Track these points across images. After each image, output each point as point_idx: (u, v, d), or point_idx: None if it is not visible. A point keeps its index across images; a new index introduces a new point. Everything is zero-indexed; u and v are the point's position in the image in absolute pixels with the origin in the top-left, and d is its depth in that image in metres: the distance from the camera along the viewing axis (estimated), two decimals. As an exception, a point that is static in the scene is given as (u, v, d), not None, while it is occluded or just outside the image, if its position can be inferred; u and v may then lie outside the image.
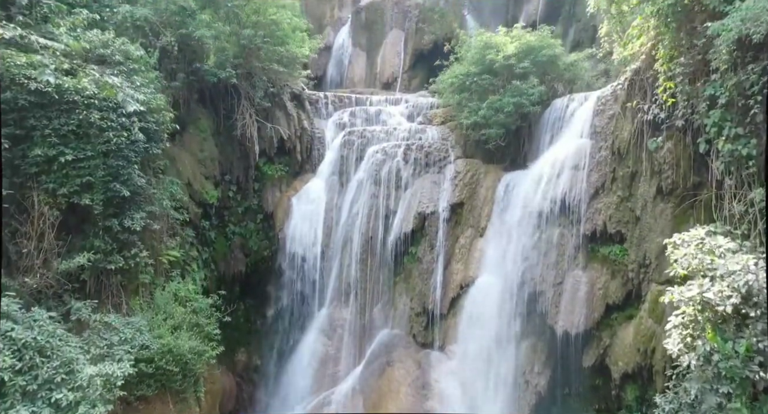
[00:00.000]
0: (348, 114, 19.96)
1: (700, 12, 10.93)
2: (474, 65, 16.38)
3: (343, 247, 17.12)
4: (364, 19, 32.69)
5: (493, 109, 15.50)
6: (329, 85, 33.54)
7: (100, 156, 11.40)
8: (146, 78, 13.40)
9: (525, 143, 16.42)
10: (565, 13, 28.47)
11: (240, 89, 17.57)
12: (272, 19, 16.61)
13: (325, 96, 20.56)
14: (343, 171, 18.39)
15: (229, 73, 16.04)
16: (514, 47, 15.82)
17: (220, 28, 15.57)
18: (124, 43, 12.98)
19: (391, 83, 30.43)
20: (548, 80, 16.32)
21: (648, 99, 12.28)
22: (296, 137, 19.20)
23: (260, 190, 19.17)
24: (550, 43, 16.28)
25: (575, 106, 14.81)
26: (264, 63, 17.16)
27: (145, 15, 14.56)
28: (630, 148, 12.64)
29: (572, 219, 13.59)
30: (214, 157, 17.42)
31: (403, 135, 18.05)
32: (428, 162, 16.83)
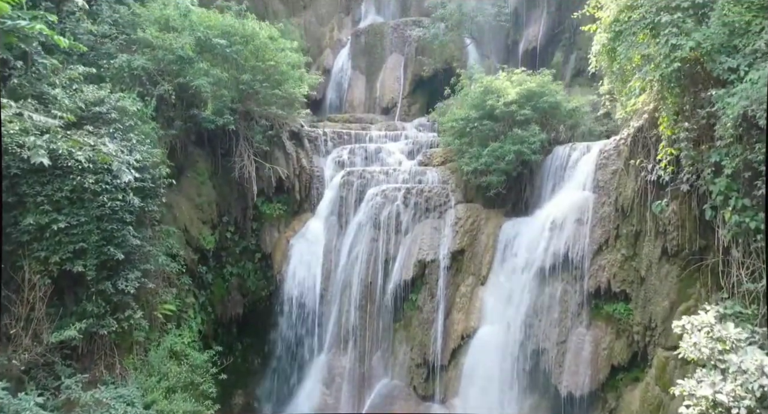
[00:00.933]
0: (347, 152, 19.75)
1: (704, 78, 10.75)
2: (474, 109, 16.18)
3: (342, 291, 16.88)
4: (364, 43, 32.60)
5: (493, 157, 15.29)
6: (329, 109, 33.45)
7: (94, 221, 11.18)
8: (142, 132, 13.20)
9: (526, 188, 16.20)
10: (565, 40, 28.34)
11: (238, 130, 17.34)
12: (271, 64, 16.39)
13: (324, 132, 20.35)
14: (342, 212, 18.16)
15: (228, 119, 15.84)
16: (515, 93, 15.62)
17: (218, 74, 15.35)
18: (121, 99, 12.77)
19: (391, 108, 30.31)
20: (550, 126, 16.11)
21: (651, 158, 12.07)
22: (295, 176, 18.98)
23: (258, 229, 18.93)
24: (551, 89, 16.09)
25: (577, 156, 14.60)
26: (262, 107, 16.96)
27: (142, 65, 14.35)
28: (634, 206, 12.43)
29: (575, 275, 13.36)
30: (211, 200, 17.20)
31: (403, 177, 17.83)
32: (428, 207, 16.61)
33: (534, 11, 29.44)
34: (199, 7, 24.91)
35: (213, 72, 15.26)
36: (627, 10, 11.66)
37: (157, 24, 15.73)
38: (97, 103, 12.35)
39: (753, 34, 10.21)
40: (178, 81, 14.91)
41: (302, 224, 18.69)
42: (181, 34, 15.34)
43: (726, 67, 10.18)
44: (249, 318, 18.81)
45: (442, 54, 25.52)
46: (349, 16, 38.29)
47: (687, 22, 10.61)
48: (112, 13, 15.34)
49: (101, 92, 12.55)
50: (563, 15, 28.66)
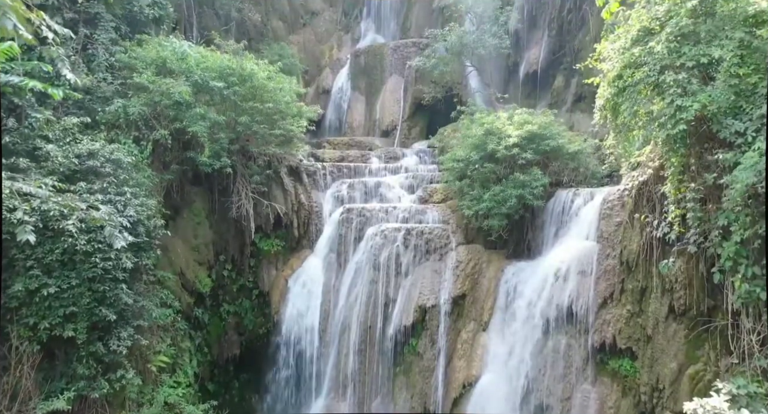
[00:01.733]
0: (346, 186, 19.46)
1: (710, 138, 10.48)
2: (475, 151, 15.89)
3: (341, 334, 16.57)
4: (363, 63, 32.35)
5: (495, 201, 15.00)
6: (328, 130, 33.18)
7: (85, 283, 10.89)
8: (137, 183, 12.93)
9: (528, 231, 15.91)
10: (566, 63, 28.00)
11: (236, 168, 17.06)
12: (269, 106, 16.10)
13: (323, 166, 20.05)
14: (341, 250, 17.86)
15: (225, 162, 15.55)
16: (517, 136, 15.33)
17: (215, 118, 15.07)
18: (115, 151, 12.50)
19: (391, 131, 30.04)
20: (551, 168, 15.81)
21: (657, 213, 11.78)
22: (293, 212, 18.69)
23: (256, 266, 18.64)
24: (553, 131, 15.81)
25: (580, 203, 14.31)
26: (260, 148, 16.67)
27: (138, 111, 14.06)
28: (639, 261, 12.13)
29: (580, 328, 13.05)
30: (208, 241, 16.92)
31: (403, 215, 17.54)
32: (429, 249, 16.31)
33: (535, 33, 29.17)
34: (197, 44, 24.82)
35: (210, 116, 14.98)
36: (630, 67, 11.39)
37: (154, 65, 15.48)
38: (90, 157, 12.09)
39: (760, 97, 9.95)
40: (174, 126, 14.63)
41: (301, 262, 18.40)
42: (178, 78, 15.08)
43: (733, 131, 9.91)
44: (246, 356, 18.51)
45: (443, 79, 25.22)
46: (348, 34, 38.10)
47: (692, 82, 10.34)
48: (108, 57, 15.07)
49: (95, 145, 12.28)
50: (564, 39, 28.43)
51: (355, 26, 37.80)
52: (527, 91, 30.13)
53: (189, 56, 14.88)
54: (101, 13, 15.46)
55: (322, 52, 36.97)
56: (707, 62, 10.53)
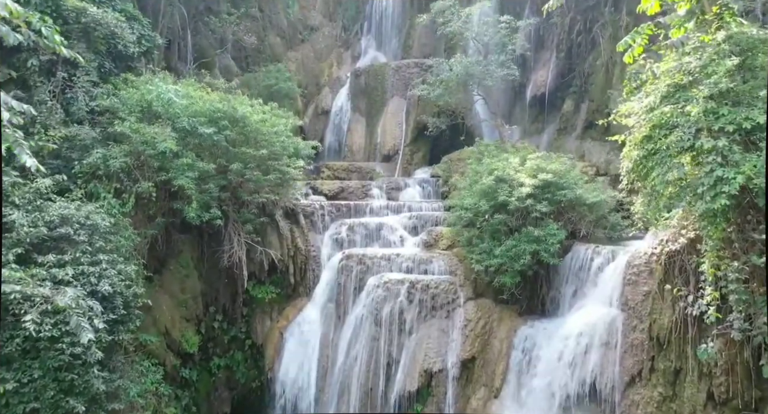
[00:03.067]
0: (346, 228, 18.24)
1: (756, 213, 9.30)
2: (485, 199, 14.67)
3: (340, 396, 15.35)
4: (364, 83, 31.19)
5: (507, 257, 13.80)
6: (327, 153, 31.96)
7: (50, 373, 9.68)
8: (117, 246, 11.74)
9: (543, 285, 14.71)
10: (576, 87, 26.82)
11: (227, 214, 15.87)
12: (263, 153, 14.91)
13: (321, 206, 18.83)
14: (340, 301, 16.66)
15: (214, 214, 14.34)
16: (531, 185, 14.11)
17: (203, 167, 13.86)
18: (92, 214, 11.30)
19: (392, 156, 28.86)
20: (568, 219, 14.60)
21: (691, 287, 10.59)
22: (289, 257, 17.49)
23: (249, 315, 17.43)
24: (570, 179, 14.58)
25: (601, 263, 13.11)
26: (253, 195, 15.46)
27: (119, 164, 12.86)
28: (672, 339, 10.93)
29: (605, 408, 11.84)
30: (197, 294, 15.72)
31: (406, 264, 16.33)
32: (435, 305, 15.10)
33: (542, 54, 28.00)
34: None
35: (198, 165, 13.77)
36: (661, 128, 10.20)
37: (139, 107, 14.30)
38: (63, 223, 10.90)
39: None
40: (159, 178, 13.44)
41: (297, 311, 17.19)
42: (164, 123, 13.89)
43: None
44: (237, 411, 17.29)
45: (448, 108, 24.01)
46: (348, 51, 36.89)
47: (734, 149, 9.16)
48: (88, 101, 13.88)
49: (69, 208, 11.09)
50: (574, 62, 27.23)
51: (355, 43, 36.61)
52: (534, 113, 28.95)
53: (174, 104, 13.65)
54: (82, 52, 14.26)
55: (321, 69, 35.77)
56: (750, 127, 9.35)
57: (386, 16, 35.44)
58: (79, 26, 14.32)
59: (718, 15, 11.09)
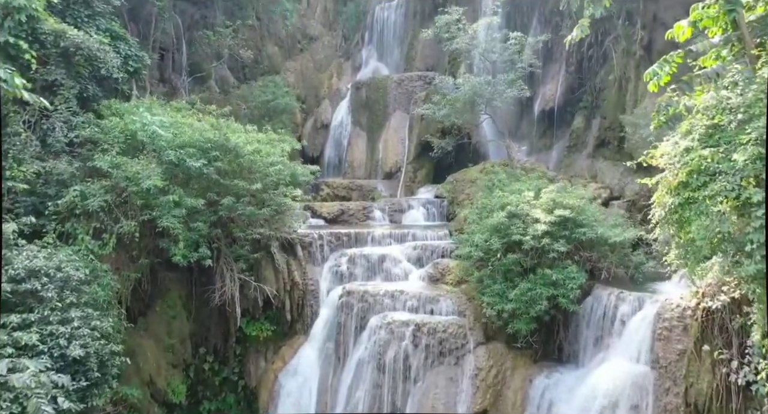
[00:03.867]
0: (346, 259, 17.10)
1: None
2: (496, 236, 13.55)
3: (340, 447, 14.25)
4: (365, 97, 30.07)
5: (522, 302, 12.68)
6: (327, 169, 30.84)
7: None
8: (93, 297, 10.62)
9: (560, 329, 13.59)
10: (586, 103, 25.64)
11: (219, 249, 14.78)
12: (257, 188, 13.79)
13: (319, 236, 17.67)
14: (340, 341, 15.53)
15: (203, 253, 13.22)
16: (547, 222, 12.98)
17: (192, 203, 12.73)
18: (64, 265, 10.18)
19: (395, 173, 27.73)
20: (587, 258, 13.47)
21: (735, 351, 9.47)
22: (285, 292, 16.36)
23: (242, 355, 16.31)
24: (589, 217, 13.44)
25: (626, 311, 11.99)
26: (246, 232, 14.34)
27: (97, 205, 11.76)
28: (713, 408, 9.81)
29: (633, 480, 10.73)
30: (185, 337, 14.62)
31: (411, 303, 15.19)
32: (442, 350, 13.97)
33: (551, 66, 26.79)
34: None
35: (186, 201, 12.65)
36: (700, 174, 9.07)
37: (123, 136, 13.20)
38: (30, 276, 9.78)
39: None
40: (143, 217, 12.32)
41: (293, 351, 16.06)
42: (149, 156, 12.78)
43: None
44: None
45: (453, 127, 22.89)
46: (349, 61, 35.75)
47: (789, 203, 8.05)
48: (66, 132, 12.78)
49: (37, 259, 9.98)
50: (584, 76, 26.06)
51: (356, 53, 35.48)
52: (542, 128, 27.79)
53: (160, 137, 12.53)
54: (60, 79, 13.19)
55: (320, 81, 34.65)
56: (804, 175, 8.25)
57: (388, 26, 34.32)
58: (58, 51, 13.24)
59: (762, 45, 10.01)
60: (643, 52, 23.13)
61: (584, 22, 9.54)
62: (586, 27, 9.56)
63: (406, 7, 33.49)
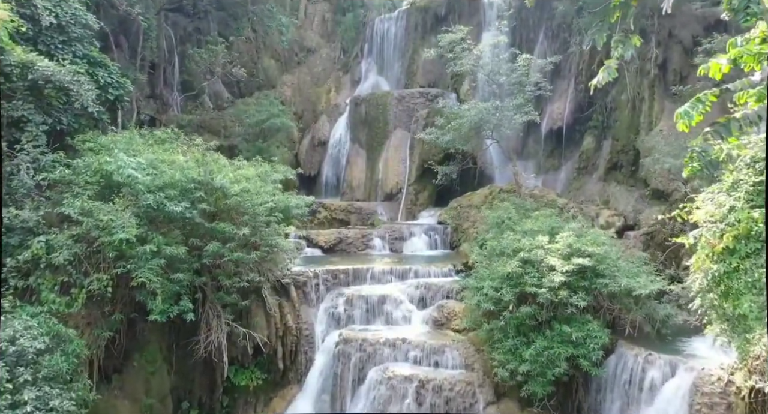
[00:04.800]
0: (343, 301, 15.84)
1: None
2: (508, 286, 12.30)
3: None
4: (364, 113, 28.87)
5: (538, 363, 11.43)
6: (324, 189, 29.66)
7: None
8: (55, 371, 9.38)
9: (579, 390, 12.33)
10: (596, 122, 24.45)
11: (204, 293, 13.54)
12: (245, 233, 12.55)
13: (315, 274, 16.39)
14: (336, 394, 14.26)
15: (185, 306, 11.97)
16: (564, 272, 11.73)
17: (172, 252, 11.49)
18: (20, 335, 8.95)
19: (395, 195, 26.50)
20: (608, 310, 12.23)
21: (789, 443, 8.22)
22: (277, 338, 15.06)
23: (230, 406, 14.96)
24: (611, 266, 12.18)
25: (656, 377, 10.73)
26: (233, 279, 13.08)
27: (64, 257, 10.52)
28: None
29: None
30: (165, 393, 13.33)
31: (414, 353, 13.92)
32: (449, 411, 12.70)
33: (559, 83, 25.57)
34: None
35: (166, 251, 11.40)
36: (749, 240, 7.86)
37: (98, 176, 11.96)
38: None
39: None
40: (116, 270, 11.08)
41: (286, 404, 14.76)
42: (126, 197, 11.55)
43: None
44: None
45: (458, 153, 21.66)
46: (347, 75, 34.56)
47: None
48: (33, 174, 11.54)
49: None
50: (594, 94, 24.72)
51: (355, 66, 34.28)
52: (549, 147, 26.56)
53: (138, 182, 11.27)
54: (28, 115, 11.97)
55: (318, 95, 33.47)
56: None
57: (388, 38, 33.11)
58: (26, 83, 12.02)
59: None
60: (658, 71, 21.94)
61: (611, 64, 8.32)
62: (613, 69, 8.35)
63: (407, 20, 32.32)
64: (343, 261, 18.89)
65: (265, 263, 14.22)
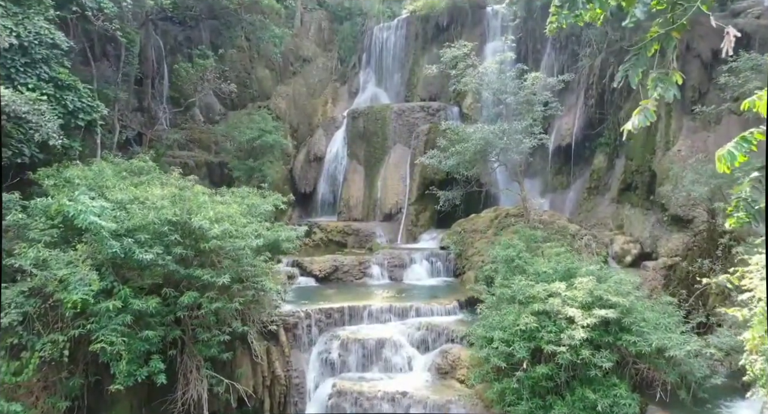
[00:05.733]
0: (338, 344, 14.42)
1: None
2: (522, 341, 10.89)
3: None
4: (362, 128, 27.56)
5: (558, 433, 10.04)
6: (320, 206, 28.33)
7: None
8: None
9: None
10: (608, 139, 23.12)
11: (183, 340, 12.16)
12: (225, 281, 11.15)
13: (306, 314, 14.99)
14: (330, 454, 12.91)
15: (155, 367, 10.58)
16: (585, 327, 10.34)
17: (140, 307, 10.09)
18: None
19: (395, 215, 25.19)
20: (635, 369, 10.82)
21: None
22: (264, 387, 13.67)
23: (213, 464, 13.65)
24: (639, 321, 10.74)
25: (695, 456, 9.37)
26: (212, 333, 11.67)
27: (12, 317, 9.14)
28: None
29: None
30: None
31: (415, 410, 12.53)
32: (455, 481, 11.33)
33: (567, 97, 24.21)
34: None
35: (134, 306, 10.01)
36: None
37: (59, 218, 10.57)
38: None
39: None
40: (73, 332, 9.70)
41: (274, 463, 13.42)
42: (89, 246, 10.17)
43: None
44: None
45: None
46: (345, 85, 33.22)
47: None
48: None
49: None
50: (606, 110, 23.49)
51: (352, 77, 32.99)
52: (557, 164, 25.19)
53: (102, 228, 9.86)
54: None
55: (314, 107, 32.15)
56: None
57: (387, 48, 31.80)
58: (-24, 114, 10.67)
59: None
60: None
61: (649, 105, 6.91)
62: (651, 112, 6.94)
63: (407, 29, 31.01)
64: (338, 293, 17.53)
65: (250, 309, 12.85)
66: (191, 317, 11.46)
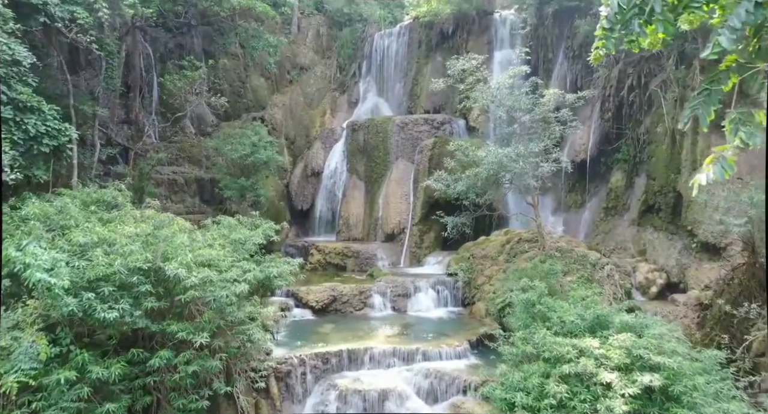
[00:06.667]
0: (335, 396, 12.84)
1: None
2: (548, 407, 9.32)
3: None
4: (363, 141, 26.06)
5: None
6: (318, 225, 26.78)
7: None
8: None
9: None
10: (626, 155, 21.60)
11: (159, 401, 10.58)
12: (204, 339, 9.57)
13: (300, 361, 13.41)
14: None
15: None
16: (626, 397, 8.78)
17: (100, 374, 8.51)
18: None
19: (398, 235, 23.66)
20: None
21: None
22: (253, 447, 12.17)
23: None
24: (691, 388, 9.17)
25: None
26: (189, 398, 10.07)
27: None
28: None
29: None
30: None
31: (424, 479, 11.01)
32: None
33: (581, 110, 22.59)
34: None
35: (93, 371, 8.42)
36: None
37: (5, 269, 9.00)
38: None
39: None
40: (21, 399, 8.12)
41: None
42: (37, 306, 8.59)
43: None
44: None
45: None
46: (344, 95, 31.70)
47: None
48: None
49: None
50: (624, 124, 21.93)
51: (352, 86, 31.48)
52: (572, 181, 23.66)
53: (52, 286, 8.30)
54: None
55: (311, 118, 30.63)
56: None
57: (388, 56, 30.30)
58: None
59: None
60: (701, 101, 19.07)
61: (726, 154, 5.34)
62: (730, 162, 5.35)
63: (410, 36, 29.51)
64: (337, 328, 15.94)
65: (236, 361, 11.28)
66: (163, 382, 9.87)
